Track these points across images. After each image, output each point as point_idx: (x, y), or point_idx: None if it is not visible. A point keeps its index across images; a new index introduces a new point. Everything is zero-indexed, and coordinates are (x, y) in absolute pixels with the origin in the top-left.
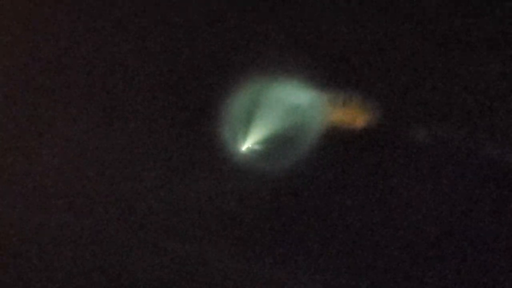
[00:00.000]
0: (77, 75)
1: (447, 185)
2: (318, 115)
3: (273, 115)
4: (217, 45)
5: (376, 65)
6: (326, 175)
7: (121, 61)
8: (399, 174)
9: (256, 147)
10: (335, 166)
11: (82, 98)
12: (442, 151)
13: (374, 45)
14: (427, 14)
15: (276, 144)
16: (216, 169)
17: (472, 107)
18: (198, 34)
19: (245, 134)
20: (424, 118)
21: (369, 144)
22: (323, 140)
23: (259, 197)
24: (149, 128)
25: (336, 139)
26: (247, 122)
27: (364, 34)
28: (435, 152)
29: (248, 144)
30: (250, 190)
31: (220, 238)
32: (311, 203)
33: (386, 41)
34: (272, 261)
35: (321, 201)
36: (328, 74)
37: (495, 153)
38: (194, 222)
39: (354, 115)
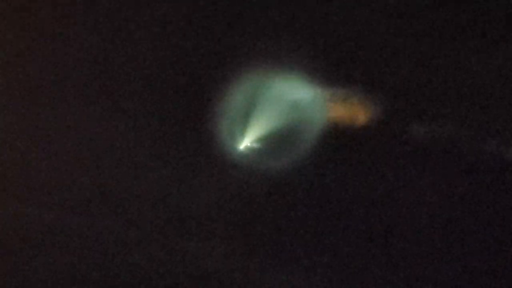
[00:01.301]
0: (74, 75)
1: (448, 181)
2: (318, 112)
3: (272, 112)
4: (215, 42)
5: (378, 61)
6: (327, 173)
7: (119, 61)
8: (400, 171)
9: (255, 145)
10: (336, 163)
11: (81, 98)
12: (443, 147)
13: (376, 42)
14: (430, 13)
15: (275, 142)
16: (214, 169)
17: (474, 104)
18: (196, 31)
19: (243, 132)
20: (425, 115)
21: (370, 141)
22: (323, 137)
23: (258, 197)
24: (147, 128)
25: (337, 136)
26: (245, 120)
27: (366, 31)
28: (436, 149)
29: (247, 142)
30: (248, 191)
31: (218, 236)
32: (312, 201)
33: (388, 38)
34: (271, 259)
35: (322, 199)
36: (329, 70)
37: (497, 149)
38: (193, 221)
39: (355, 112)
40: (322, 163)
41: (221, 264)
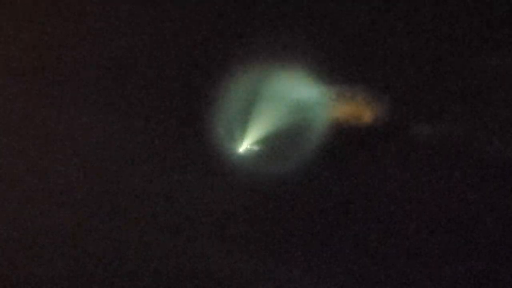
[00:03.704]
0: (71, 76)
1: (454, 180)
2: (322, 112)
3: (274, 112)
4: (214, 40)
5: (383, 60)
6: (331, 176)
7: (116, 61)
8: (406, 170)
9: (255, 147)
10: (340, 166)
11: (79, 99)
12: (449, 146)
13: (382, 41)
14: (436, 12)
15: (277, 144)
16: (213, 173)
17: (481, 104)
18: (195, 28)
19: (243, 134)
20: (431, 114)
21: (375, 142)
22: (328, 138)
23: (259, 201)
24: (145, 130)
25: (341, 138)
26: (245, 121)
27: (372, 29)
28: (442, 148)
29: (247, 144)
30: (249, 195)
31: (218, 239)
32: (315, 204)
33: (394, 37)
34: (272, 262)
35: (325, 203)
36: (333, 69)
37: (503, 149)
38: (191, 225)
39: (359, 112)
40: (326, 165)
41: (219, 266)
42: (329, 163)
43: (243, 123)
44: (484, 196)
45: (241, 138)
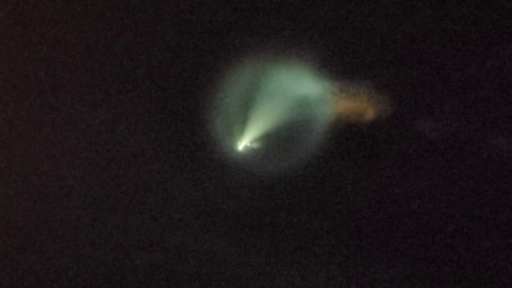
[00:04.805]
0: (69, 74)
1: (456, 178)
2: (323, 108)
3: (274, 109)
4: (213, 33)
5: (387, 56)
6: (332, 175)
7: (116, 58)
8: (408, 167)
9: (255, 145)
10: (342, 164)
11: (79, 97)
12: (451, 143)
13: (385, 36)
14: (440, 9)
15: (277, 142)
16: (211, 171)
17: (483, 100)
18: (194, 24)
19: (242, 131)
20: (434, 111)
21: (377, 140)
22: (330, 134)
23: (259, 201)
24: (143, 128)
25: (343, 135)
26: (245, 118)
27: (375, 25)
28: (444, 145)
29: (246, 142)
30: (249, 194)
31: (217, 239)
32: (316, 204)
33: (397, 33)
34: (273, 261)
35: (326, 202)
36: (334, 64)
37: (504, 146)
38: (190, 220)
39: (361, 109)
40: (327, 162)
41: (218, 265)
42: (331, 160)
43: (243, 120)
44: (488, 193)
45: (241, 135)
